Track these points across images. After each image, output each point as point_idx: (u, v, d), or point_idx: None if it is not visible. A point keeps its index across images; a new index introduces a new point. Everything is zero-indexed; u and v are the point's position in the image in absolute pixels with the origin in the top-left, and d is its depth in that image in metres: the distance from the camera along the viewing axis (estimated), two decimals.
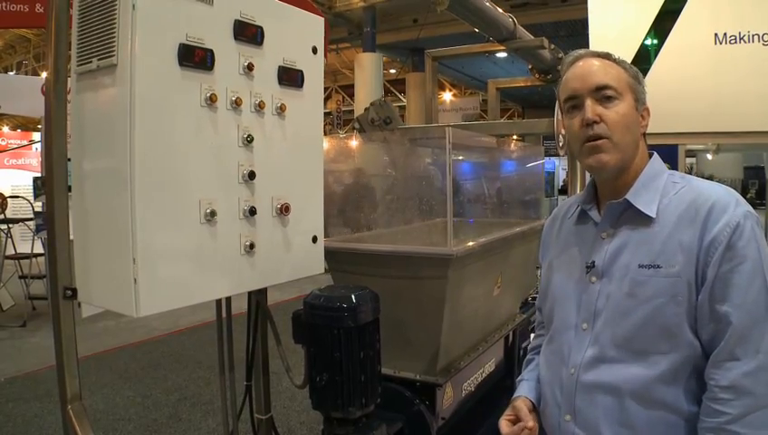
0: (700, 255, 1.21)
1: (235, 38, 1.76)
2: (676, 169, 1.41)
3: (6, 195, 8.88)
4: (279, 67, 1.92)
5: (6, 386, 4.85)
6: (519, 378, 1.62)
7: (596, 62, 1.33)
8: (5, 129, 20.52)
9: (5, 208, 8.52)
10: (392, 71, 18.51)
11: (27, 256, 7.63)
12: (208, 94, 1.66)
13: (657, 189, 1.31)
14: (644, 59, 6.70)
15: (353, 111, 15.58)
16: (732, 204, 1.22)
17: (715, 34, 6.24)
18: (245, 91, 1.79)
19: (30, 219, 8.05)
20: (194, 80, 1.63)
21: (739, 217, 1.20)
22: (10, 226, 8.11)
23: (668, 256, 1.24)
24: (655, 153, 1.38)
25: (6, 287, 7.50)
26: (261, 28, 1.82)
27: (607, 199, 1.37)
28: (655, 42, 6.64)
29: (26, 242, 8.21)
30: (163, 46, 1.55)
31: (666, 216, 1.27)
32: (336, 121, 21.18)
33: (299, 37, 2.02)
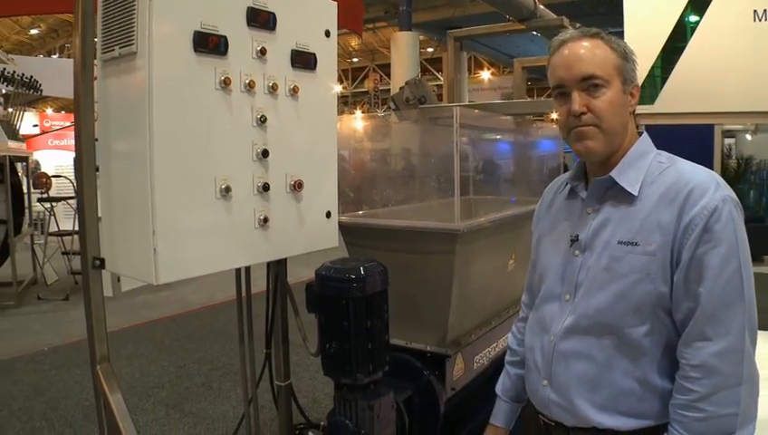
0: (677, 236, 1.24)
1: (249, 24, 1.85)
2: (713, 151, 1.37)
3: (50, 174, 9.22)
4: (292, 51, 2.01)
5: (50, 355, 5.13)
6: (504, 371, 1.76)
7: (583, 44, 1.31)
8: (49, 111, 21.15)
9: (50, 188, 8.87)
10: (429, 49, 18.40)
11: (69, 233, 7.92)
12: (222, 78, 1.77)
13: (641, 168, 1.33)
14: (680, 36, 6.55)
15: (390, 90, 15.58)
16: (712, 187, 1.23)
17: (755, 11, 6.08)
18: (258, 75, 1.89)
19: (72, 198, 8.33)
20: (208, 65, 1.74)
21: (717, 201, 1.21)
22: (53, 204, 8.44)
23: (646, 235, 1.27)
24: (645, 132, 1.39)
25: (50, 263, 7.83)
26: (273, 14, 1.91)
27: (594, 177, 1.40)
28: (692, 18, 6.50)
29: (69, 219, 8.50)
30: (179, 34, 1.66)
31: (648, 195, 1.30)
32: (374, 100, 21.07)
33: (312, 21, 2.10)
